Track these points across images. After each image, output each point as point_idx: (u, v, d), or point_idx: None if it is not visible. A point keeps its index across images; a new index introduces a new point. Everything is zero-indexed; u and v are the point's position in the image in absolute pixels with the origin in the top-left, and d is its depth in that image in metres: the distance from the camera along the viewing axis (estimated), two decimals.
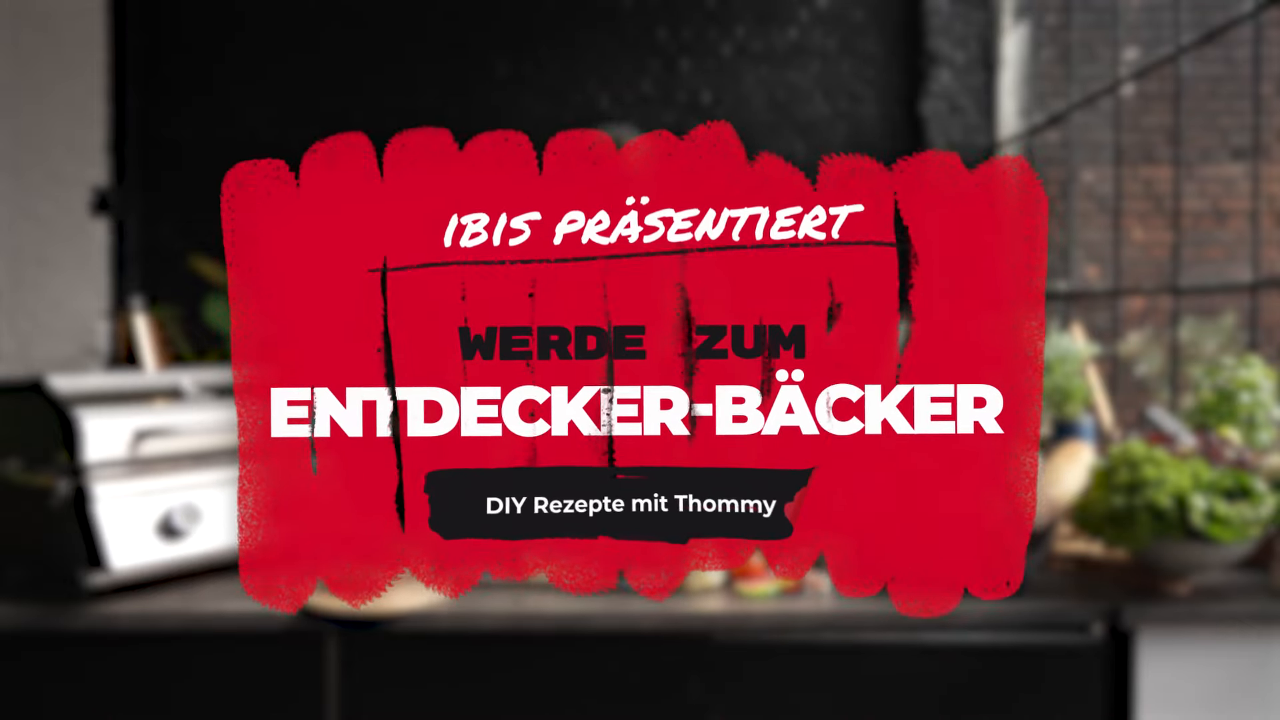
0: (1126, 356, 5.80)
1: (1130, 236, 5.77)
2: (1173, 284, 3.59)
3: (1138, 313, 5.88)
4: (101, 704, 1.63)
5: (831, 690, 1.63)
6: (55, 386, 1.67)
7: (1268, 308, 5.85)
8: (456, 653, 1.63)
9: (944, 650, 1.63)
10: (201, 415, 1.77)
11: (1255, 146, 3.13)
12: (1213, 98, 5.82)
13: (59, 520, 1.61)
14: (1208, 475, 1.61)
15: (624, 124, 2.17)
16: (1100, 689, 1.63)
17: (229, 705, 1.63)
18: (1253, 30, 3.10)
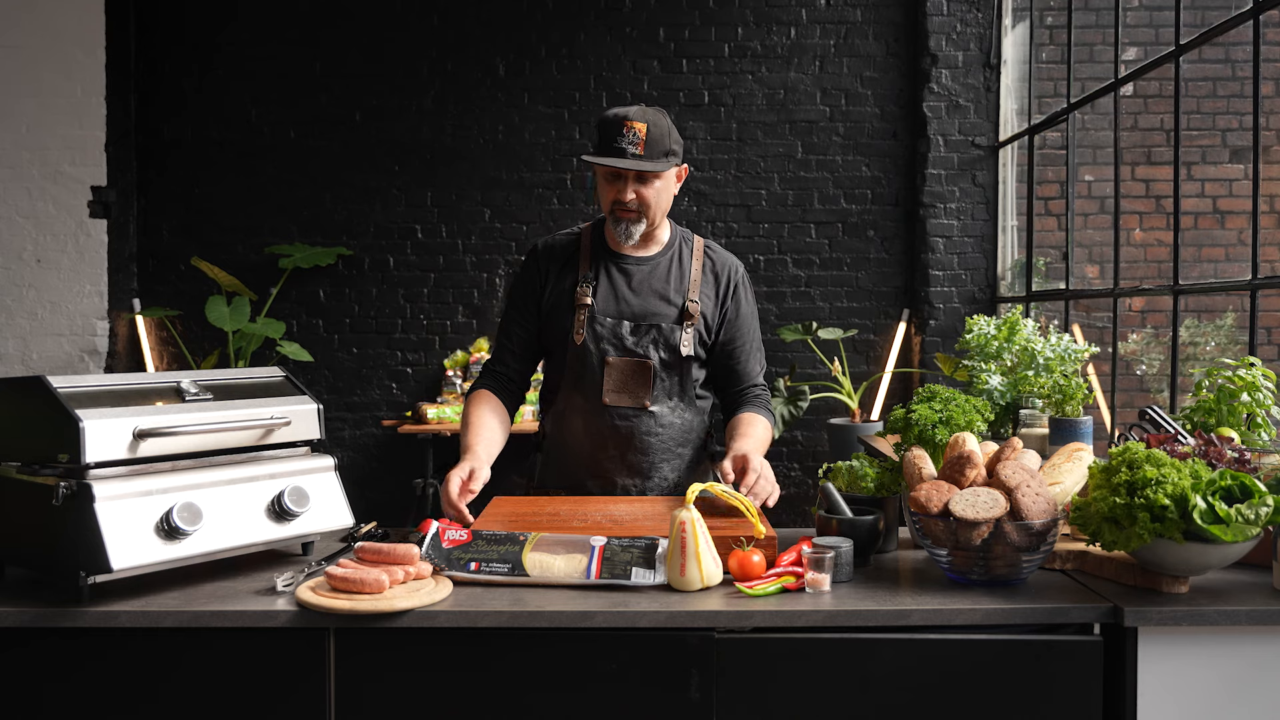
0: (1126, 356, 5.80)
1: (1130, 237, 5.77)
2: (1173, 284, 3.60)
3: (1137, 312, 5.88)
4: (101, 703, 1.63)
5: (832, 690, 1.63)
6: (55, 386, 1.67)
7: (1268, 308, 5.86)
8: (456, 651, 1.63)
9: (944, 650, 1.63)
10: (201, 415, 1.77)
11: (1255, 146, 3.13)
12: (1213, 98, 5.82)
13: (59, 520, 1.61)
14: (1208, 475, 1.61)
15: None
16: (1100, 689, 1.63)
17: (229, 704, 1.63)
18: (1253, 30, 3.10)
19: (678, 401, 2.29)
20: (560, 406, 2.31)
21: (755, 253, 5.48)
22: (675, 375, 2.27)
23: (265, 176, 5.49)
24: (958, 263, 5.35)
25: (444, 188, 5.51)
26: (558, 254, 2.33)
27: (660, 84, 5.51)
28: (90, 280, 5.47)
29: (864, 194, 5.48)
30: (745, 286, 2.37)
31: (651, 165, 2.16)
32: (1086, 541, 1.71)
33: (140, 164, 5.52)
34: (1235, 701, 1.61)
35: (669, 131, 2.20)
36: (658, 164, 2.17)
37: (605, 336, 2.24)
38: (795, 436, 5.49)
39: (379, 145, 5.51)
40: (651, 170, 2.16)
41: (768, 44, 5.50)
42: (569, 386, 2.28)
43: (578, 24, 5.51)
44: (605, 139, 2.17)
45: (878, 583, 1.77)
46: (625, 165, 2.15)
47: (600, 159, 2.17)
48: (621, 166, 2.15)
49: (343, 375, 5.54)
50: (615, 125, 2.16)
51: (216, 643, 1.62)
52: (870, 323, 5.51)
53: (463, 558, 1.75)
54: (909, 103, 5.46)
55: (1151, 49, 5.65)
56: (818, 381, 5.33)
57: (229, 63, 5.50)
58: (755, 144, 5.50)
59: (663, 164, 2.18)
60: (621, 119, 2.16)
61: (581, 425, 2.28)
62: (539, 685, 1.63)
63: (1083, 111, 4.69)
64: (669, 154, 2.20)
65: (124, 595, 1.64)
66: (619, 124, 2.16)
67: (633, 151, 2.14)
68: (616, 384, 2.24)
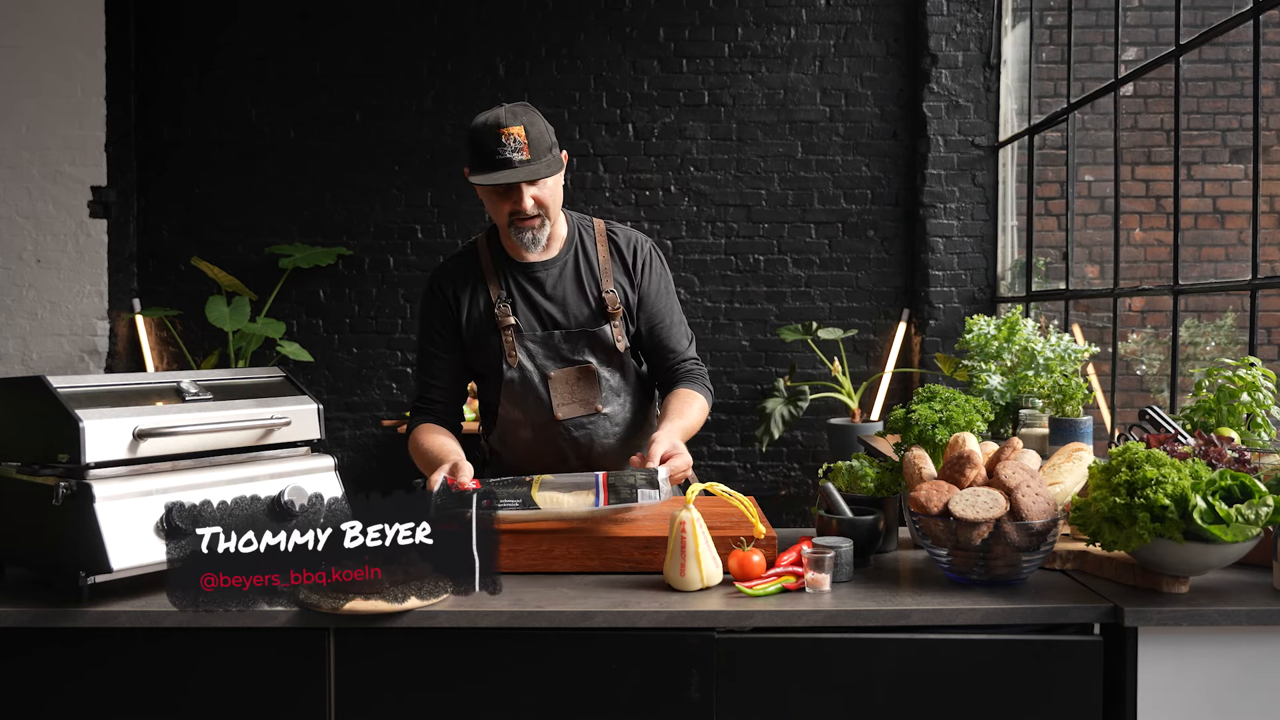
0: (1126, 356, 5.80)
1: (1130, 237, 5.77)
2: (1173, 284, 3.60)
3: (1137, 312, 5.88)
4: (101, 703, 1.63)
5: (832, 690, 1.63)
6: (55, 386, 1.67)
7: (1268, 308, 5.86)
8: (457, 651, 1.63)
9: (944, 650, 1.63)
10: (201, 415, 1.77)
11: (1255, 146, 3.13)
12: (1213, 98, 5.82)
13: (59, 520, 1.61)
14: (1208, 475, 1.61)
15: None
16: (1100, 689, 1.63)
17: (229, 705, 1.63)
18: (1253, 30, 3.10)
19: (625, 395, 2.22)
20: (502, 425, 2.23)
21: (755, 253, 5.48)
22: (617, 371, 2.20)
23: (265, 176, 5.49)
24: (958, 263, 5.35)
25: (444, 188, 5.51)
26: (460, 276, 2.21)
27: (660, 84, 5.51)
28: (90, 280, 5.47)
29: (864, 194, 5.48)
30: (655, 260, 2.25)
31: (545, 169, 2.04)
32: (1086, 541, 1.71)
33: (140, 164, 5.52)
34: (1235, 701, 1.61)
35: (545, 126, 2.07)
36: (550, 165, 2.06)
37: (539, 353, 2.16)
38: (795, 436, 5.49)
39: (379, 145, 5.50)
40: (546, 174, 2.04)
41: (768, 44, 5.50)
42: (510, 405, 2.19)
43: (578, 24, 5.51)
44: (484, 153, 2.02)
45: (878, 583, 1.77)
46: (520, 177, 2.01)
47: (489, 177, 2.02)
48: (517, 180, 2.01)
49: (343, 375, 5.54)
50: (491, 135, 2.02)
51: (216, 643, 1.62)
52: (870, 323, 5.51)
53: (473, 498, 1.79)
54: (909, 103, 5.46)
55: (1151, 49, 5.65)
56: (818, 381, 5.33)
57: (229, 63, 5.50)
58: (755, 144, 5.50)
59: (554, 164, 2.07)
60: (495, 126, 2.01)
61: (531, 438, 2.20)
62: (539, 685, 1.63)
63: (1083, 111, 4.69)
64: (552, 148, 2.08)
65: (124, 595, 1.64)
66: (494, 133, 2.01)
67: (519, 159, 2.01)
68: (564, 397, 2.16)
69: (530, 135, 2.03)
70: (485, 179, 2.02)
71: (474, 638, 1.62)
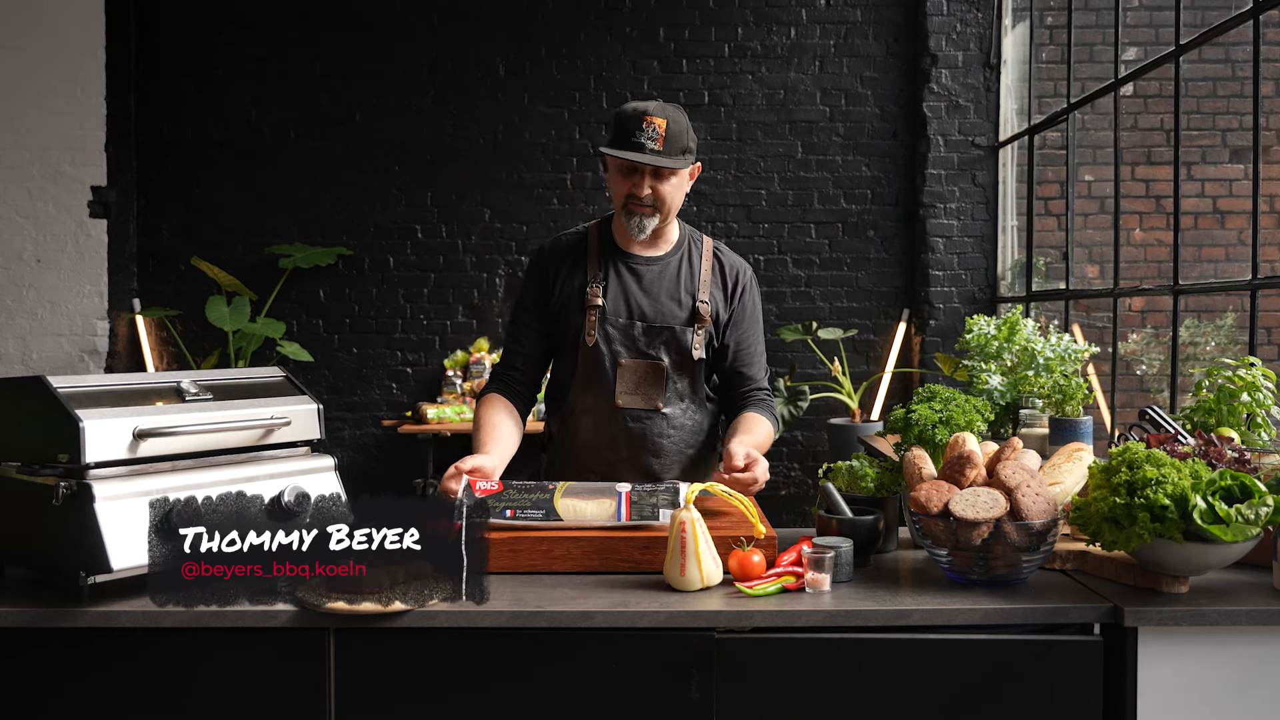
0: (1126, 356, 5.80)
1: (1130, 237, 5.77)
2: (1173, 284, 3.60)
3: (1137, 312, 5.88)
4: (102, 703, 1.63)
5: (832, 690, 1.63)
6: (55, 386, 1.67)
7: (1268, 308, 5.86)
8: (457, 652, 1.63)
9: (944, 650, 1.63)
10: (201, 415, 1.77)
11: (1255, 146, 3.13)
12: (1213, 98, 5.82)
13: (59, 520, 1.61)
14: (1208, 475, 1.61)
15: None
16: (1100, 689, 1.63)
17: (229, 705, 1.63)
18: (1253, 30, 3.10)
19: (689, 403, 2.28)
20: (569, 407, 2.29)
21: (755, 253, 5.48)
22: (686, 377, 2.26)
23: (265, 176, 5.49)
24: (958, 263, 5.35)
25: (444, 188, 5.51)
26: (565, 254, 2.30)
27: (660, 84, 5.50)
28: (90, 280, 5.47)
29: (864, 194, 5.48)
30: (753, 288, 2.36)
31: (670, 162, 2.14)
32: (1086, 541, 1.71)
33: (140, 164, 5.52)
34: (1235, 701, 1.61)
35: (687, 129, 2.18)
36: (676, 161, 2.15)
37: (617, 338, 2.22)
38: (795, 436, 5.49)
39: (379, 145, 5.50)
40: (670, 167, 2.14)
41: (768, 44, 5.50)
42: (579, 387, 2.26)
43: (578, 24, 5.51)
44: (623, 132, 2.14)
45: (878, 583, 1.77)
46: (644, 160, 2.11)
47: (618, 152, 2.13)
48: (641, 161, 2.11)
49: (343, 375, 5.54)
50: (634, 119, 2.13)
51: (216, 643, 1.62)
52: (870, 323, 5.51)
53: (496, 505, 1.78)
54: (909, 103, 5.46)
55: (1151, 49, 5.65)
56: (818, 381, 5.33)
57: (229, 63, 5.50)
58: (755, 144, 5.50)
59: (681, 161, 2.16)
60: (641, 113, 2.13)
61: (592, 425, 2.26)
62: (539, 685, 1.63)
63: (1083, 111, 4.69)
64: (686, 151, 2.18)
65: (124, 595, 1.64)
66: (639, 118, 2.13)
67: (651, 147, 2.12)
68: (629, 386, 2.23)
69: (669, 130, 2.13)
70: (614, 152, 2.13)
71: (474, 638, 1.62)
